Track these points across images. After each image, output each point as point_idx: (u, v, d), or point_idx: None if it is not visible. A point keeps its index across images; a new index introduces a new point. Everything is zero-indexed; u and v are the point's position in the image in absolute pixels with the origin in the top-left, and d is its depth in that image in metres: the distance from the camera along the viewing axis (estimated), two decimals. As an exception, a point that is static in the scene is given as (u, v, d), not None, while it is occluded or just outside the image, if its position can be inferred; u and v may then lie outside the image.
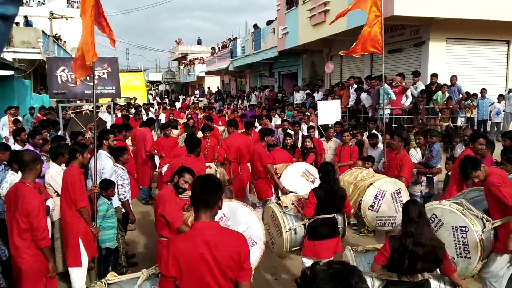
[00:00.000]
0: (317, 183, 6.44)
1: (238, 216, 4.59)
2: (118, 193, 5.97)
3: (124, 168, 6.23)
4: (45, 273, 4.24)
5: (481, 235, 4.26)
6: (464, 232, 4.30)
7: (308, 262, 5.01)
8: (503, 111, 12.79)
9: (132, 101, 21.67)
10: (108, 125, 11.19)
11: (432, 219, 4.45)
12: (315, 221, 4.88)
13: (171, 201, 4.47)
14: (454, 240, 4.35)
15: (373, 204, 5.71)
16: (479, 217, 4.41)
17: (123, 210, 6.07)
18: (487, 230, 4.34)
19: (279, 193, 6.89)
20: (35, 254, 4.15)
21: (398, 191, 5.71)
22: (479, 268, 4.36)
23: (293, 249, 5.15)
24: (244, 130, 9.06)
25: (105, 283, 2.95)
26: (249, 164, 8.00)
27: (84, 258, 4.98)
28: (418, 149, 7.89)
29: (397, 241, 3.44)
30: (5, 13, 0.89)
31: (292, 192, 6.59)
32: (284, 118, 12.58)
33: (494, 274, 4.41)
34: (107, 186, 5.52)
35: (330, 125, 10.23)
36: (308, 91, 17.02)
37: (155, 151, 9.19)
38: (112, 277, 3.11)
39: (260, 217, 4.96)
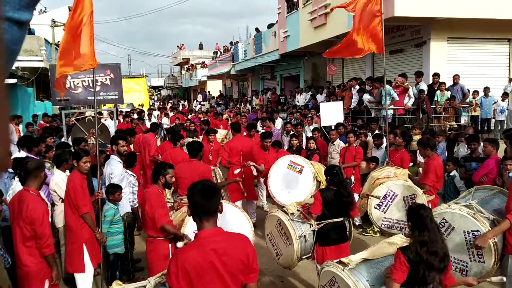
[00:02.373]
0: (305, 172, 6.44)
1: (228, 217, 4.63)
2: (130, 199, 6.02)
3: (134, 175, 6.28)
4: (49, 280, 4.23)
5: (494, 239, 4.14)
6: (477, 236, 4.16)
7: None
8: (507, 109, 12.75)
9: (139, 107, 21.85)
10: (111, 130, 11.21)
11: (442, 223, 4.33)
12: (324, 226, 4.78)
13: (157, 200, 4.59)
14: (467, 245, 4.22)
15: (380, 203, 5.62)
16: (490, 219, 4.29)
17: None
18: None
19: (269, 186, 6.92)
20: (40, 261, 4.14)
21: (412, 196, 5.51)
22: (494, 272, 4.23)
23: (303, 257, 5.00)
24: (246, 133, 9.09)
25: None
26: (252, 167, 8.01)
27: (88, 263, 4.97)
28: None
29: (411, 253, 3.17)
30: (21, 18, 0.90)
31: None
32: (292, 120, 12.60)
33: None
34: (114, 190, 5.52)
35: (332, 127, 10.23)
36: (310, 92, 17.01)
37: (159, 156, 9.20)
38: (117, 285, 3.06)
39: (249, 218, 4.94)
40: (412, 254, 3.15)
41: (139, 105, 23.16)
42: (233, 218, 4.77)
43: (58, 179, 5.49)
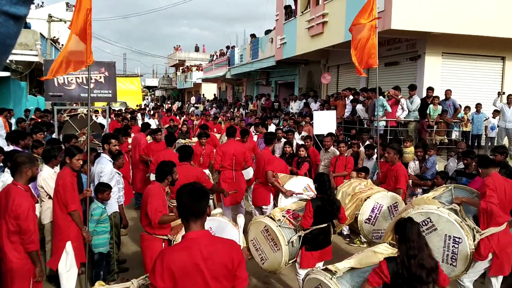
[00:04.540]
0: None
1: (225, 235, 4.62)
2: (118, 196, 5.99)
3: (120, 173, 6.23)
4: (32, 276, 4.17)
5: (473, 249, 4.31)
6: (457, 243, 4.34)
7: (303, 274, 4.96)
8: (498, 126, 12.85)
9: (136, 108, 21.84)
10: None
11: (426, 222, 4.46)
12: (312, 232, 4.88)
13: (159, 196, 4.59)
14: (444, 247, 4.40)
15: (369, 217, 5.77)
16: (471, 227, 4.46)
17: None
18: (477, 242, 4.42)
19: (279, 200, 6.82)
20: (24, 257, 4.09)
21: (395, 204, 5.79)
22: (460, 276, 4.48)
23: (290, 262, 5.09)
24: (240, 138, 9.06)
25: None
26: (244, 171, 7.98)
27: (73, 262, 4.92)
28: (417, 162, 8.05)
29: (398, 265, 3.18)
30: (17, 13, 0.89)
31: (294, 193, 6.59)
32: (285, 127, 12.61)
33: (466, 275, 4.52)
34: (104, 189, 5.47)
35: (325, 135, 10.27)
36: (304, 100, 17.09)
37: (147, 156, 9.11)
38: (100, 286, 3.04)
39: (243, 241, 4.93)
40: (399, 266, 3.16)
41: (137, 105, 23.15)
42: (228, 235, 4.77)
43: (46, 175, 5.42)
